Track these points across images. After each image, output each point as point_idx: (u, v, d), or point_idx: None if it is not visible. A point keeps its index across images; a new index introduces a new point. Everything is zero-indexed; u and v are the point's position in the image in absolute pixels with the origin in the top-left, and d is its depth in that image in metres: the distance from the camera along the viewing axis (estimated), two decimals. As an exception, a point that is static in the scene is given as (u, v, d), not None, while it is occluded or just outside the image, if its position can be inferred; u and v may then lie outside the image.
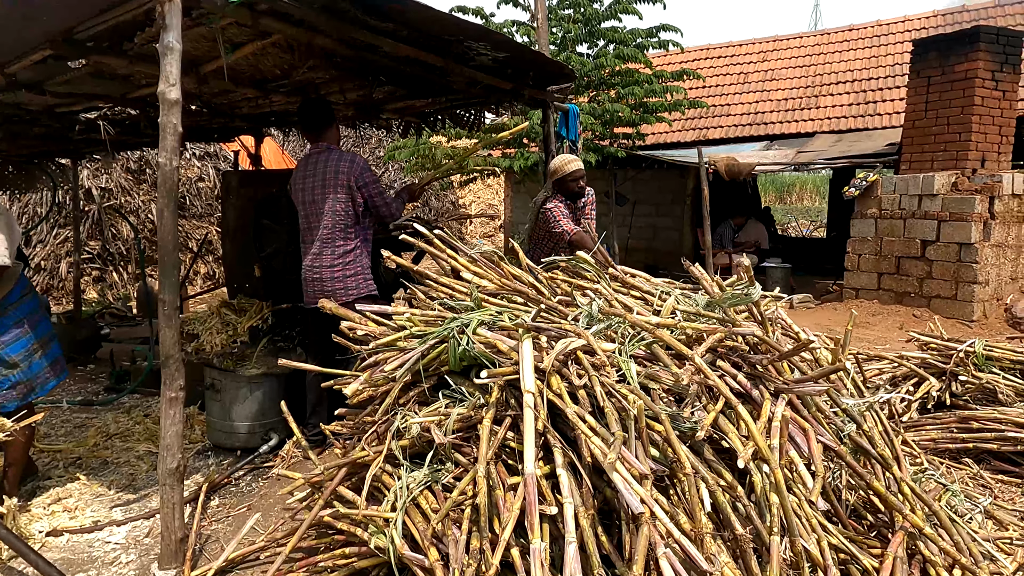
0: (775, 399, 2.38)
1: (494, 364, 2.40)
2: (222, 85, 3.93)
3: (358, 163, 3.49)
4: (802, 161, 9.01)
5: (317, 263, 3.52)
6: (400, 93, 4.53)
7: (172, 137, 2.47)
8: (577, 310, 2.75)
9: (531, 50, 3.63)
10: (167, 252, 2.48)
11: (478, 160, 8.80)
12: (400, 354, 2.58)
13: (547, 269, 3.26)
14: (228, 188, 4.90)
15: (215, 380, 3.61)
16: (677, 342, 2.34)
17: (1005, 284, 7.23)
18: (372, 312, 2.81)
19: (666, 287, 3.12)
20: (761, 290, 2.70)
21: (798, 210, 29.39)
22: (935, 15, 11.39)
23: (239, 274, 4.81)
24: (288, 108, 4.85)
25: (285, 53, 3.51)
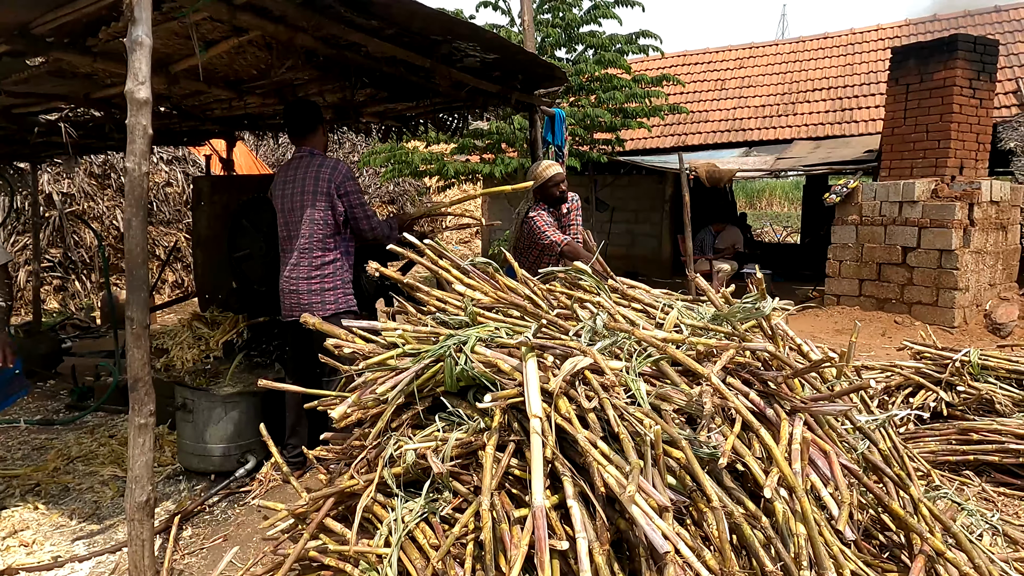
0: (791, 418, 2.26)
1: (495, 385, 2.23)
2: (194, 85, 3.71)
3: (341, 170, 3.30)
4: (782, 167, 9.02)
5: (295, 274, 3.31)
6: (382, 96, 4.35)
7: (141, 140, 2.26)
8: (578, 325, 2.60)
9: (522, 50, 3.48)
10: (136, 265, 2.27)
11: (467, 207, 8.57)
12: (391, 374, 2.40)
13: (543, 280, 3.10)
14: (199, 194, 4.66)
15: (187, 400, 3.38)
16: (691, 361, 2.20)
17: (984, 290, 7.28)
18: (359, 328, 2.62)
19: (668, 299, 3.00)
20: (773, 303, 2.57)
21: (768, 216, 29.76)
22: (907, 24, 11.55)
23: (212, 285, 4.57)
24: (264, 110, 4.63)
25: (262, 52, 3.31)
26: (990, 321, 7.04)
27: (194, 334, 4.03)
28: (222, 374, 3.64)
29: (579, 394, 2.11)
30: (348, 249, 3.39)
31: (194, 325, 4.06)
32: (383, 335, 2.61)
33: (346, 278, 3.36)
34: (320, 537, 2.32)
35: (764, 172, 9.02)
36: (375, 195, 15.78)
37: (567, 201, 4.38)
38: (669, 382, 2.35)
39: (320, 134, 3.44)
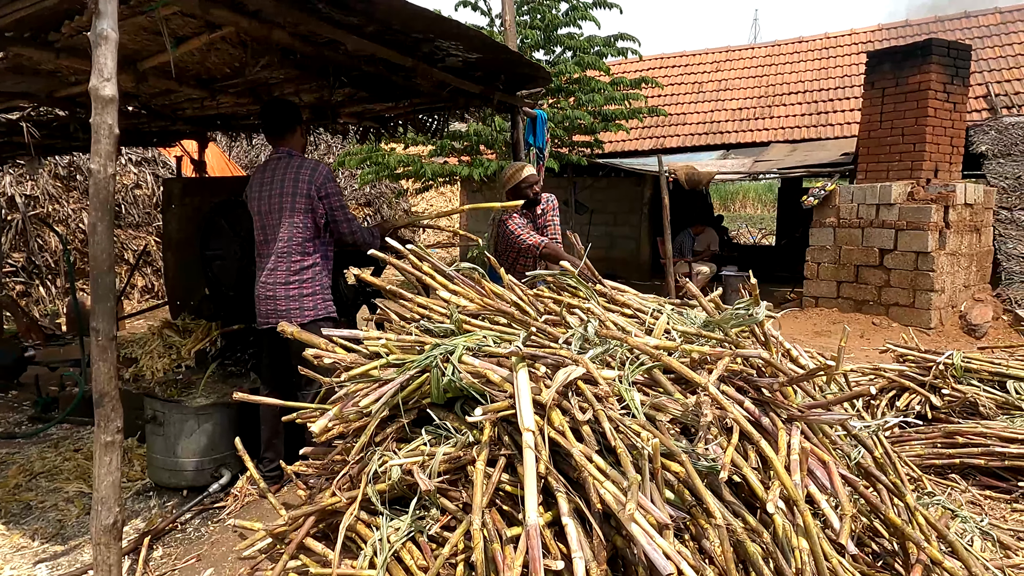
0: (788, 427, 2.20)
1: (484, 396, 2.14)
2: (164, 84, 3.57)
3: (322, 171, 3.17)
4: (760, 170, 9.06)
5: (272, 279, 3.18)
6: (360, 96, 4.23)
7: (107, 140, 2.13)
8: (567, 332, 2.53)
9: (506, 49, 3.40)
10: (101, 272, 2.13)
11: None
12: (374, 385, 2.30)
13: (529, 285, 3.02)
14: (170, 197, 4.50)
15: (158, 412, 3.23)
16: (687, 369, 2.13)
17: (959, 292, 7.37)
18: (340, 337, 2.51)
19: (658, 304, 2.93)
20: (767, 309, 2.52)
21: (743, 217, 30.08)
22: (880, 28, 11.71)
23: (183, 290, 4.41)
24: (237, 110, 4.48)
25: (236, 49, 3.18)
26: (965, 322, 7.12)
27: (165, 342, 3.87)
28: (195, 384, 3.50)
29: (573, 406, 2.03)
30: (327, 253, 3.27)
31: (165, 333, 3.90)
32: (365, 344, 2.50)
33: (325, 283, 3.24)
34: (300, 558, 2.20)
35: (742, 175, 9.05)
36: (351, 197, 15.58)
37: (540, 203, 4.29)
38: (662, 391, 2.28)
39: (298, 135, 3.31)
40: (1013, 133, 8.51)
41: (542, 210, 4.32)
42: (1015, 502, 3.33)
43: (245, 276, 3.63)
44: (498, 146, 9.36)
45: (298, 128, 3.29)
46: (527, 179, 4.13)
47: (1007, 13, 10.82)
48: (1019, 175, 8.19)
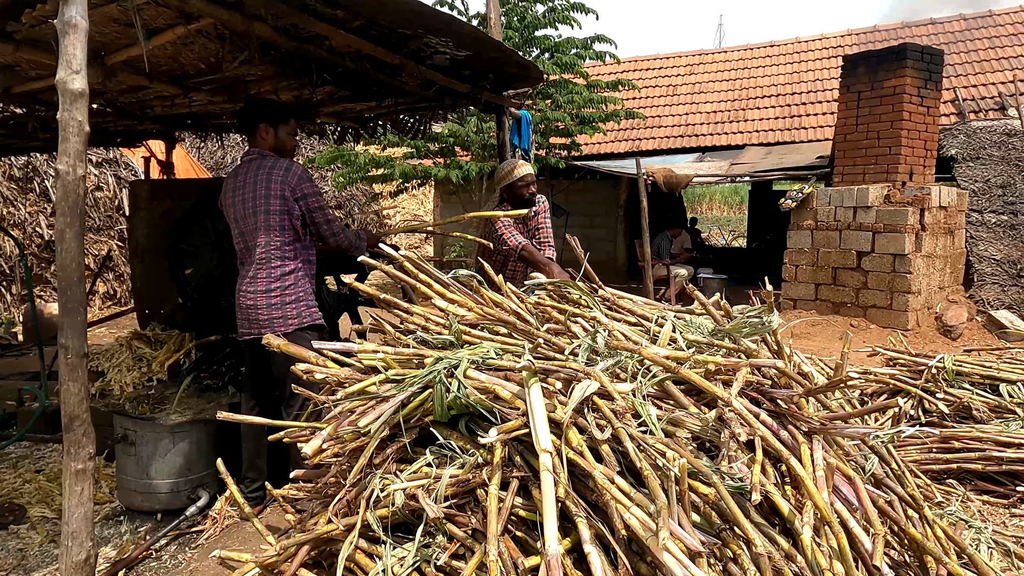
0: (809, 441, 2.11)
1: (492, 413, 2.01)
2: (133, 79, 3.35)
3: (295, 171, 2.98)
4: (737, 173, 9.08)
5: (252, 287, 2.99)
6: (341, 94, 4.06)
7: (76, 138, 1.94)
8: (573, 342, 2.40)
9: (499, 46, 3.25)
10: (70, 284, 1.94)
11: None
12: (372, 403, 2.14)
13: (526, 291, 2.89)
14: (137, 200, 4.25)
15: (129, 431, 3.01)
16: (706, 383, 2.03)
17: (934, 293, 7.46)
18: (331, 351, 2.35)
19: (660, 311, 2.83)
20: (778, 317, 2.43)
21: (709, 220, 30.44)
22: (849, 34, 11.88)
23: (152, 299, 4.17)
24: (210, 108, 4.27)
25: (213, 43, 2.99)
26: (941, 323, 7.21)
27: (134, 354, 3.64)
28: (168, 400, 3.28)
29: (590, 423, 1.90)
30: (309, 258, 3.09)
31: (134, 345, 3.67)
32: (359, 357, 2.34)
33: (308, 289, 3.05)
34: (293, 591, 2.04)
35: (720, 177, 9.06)
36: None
37: (536, 203, 4.14)
38: (674, 404, 2.17)
39: (275, 134, 3.06)
40: (981, 137, 8.68)
41: (534, 211, 4.18)
42: (1013, 507, 3.31)
43: (221, 284, 3.43)
44: (475, 148, 9.23)
45: (274, 127, 3.05)
46: (525, 178, 3.94)
47: (971, 20, 11.07)
48: (988, 178, 8.35)
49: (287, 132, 3.08)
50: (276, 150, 3.08)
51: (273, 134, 3.06)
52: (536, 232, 4.17)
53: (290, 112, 3.14)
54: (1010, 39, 10.36)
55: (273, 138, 3.07)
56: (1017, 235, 7.90)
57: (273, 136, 3.06)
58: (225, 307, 3.38)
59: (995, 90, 9.66)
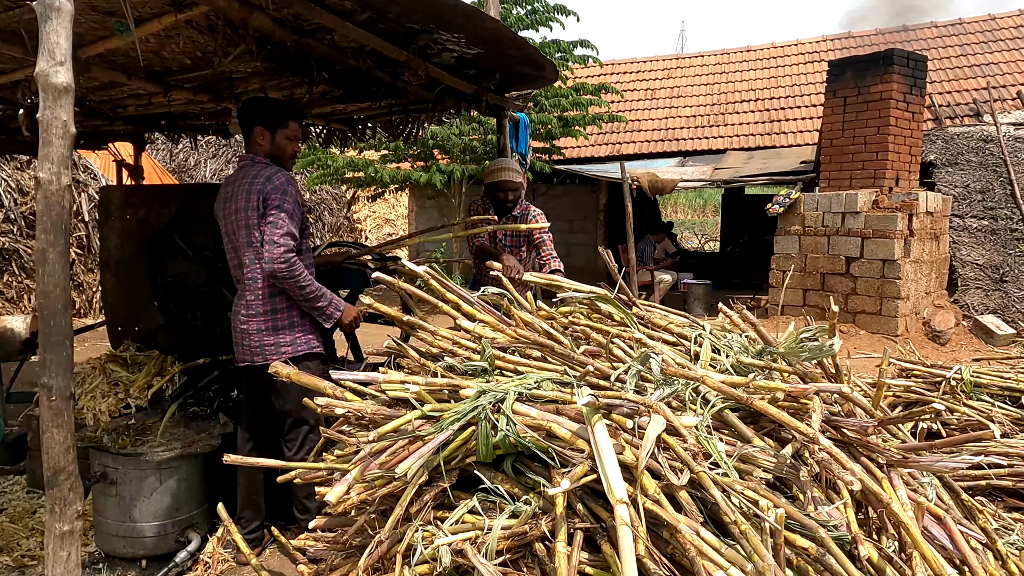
0: (889, 476, 1.93)
1: (547, 454, 1.77)
2: (109, 75, 3.03)
3: (274, 179, 2.62)
4: (722, 178, 9.01)
5: (244, 310, 2.67)
6: (334, 95, 3.77)
7: (61, 142, 1.65)
8: (618, 366, 2.19)
9: (520, 42, 3.01)
10: (54, 313, 1.64)
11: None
12: (405, 443, 1.88)
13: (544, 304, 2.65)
14: (108, 207, 3.89)
15: (109, 468, 2.69)
16: (787, 417, 1.82)
17: (921, 299, 7.47)
18: (352, 381, 2.08)
19: (698, 328, 2.64)
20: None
21: (676, 223, 30.58)
22: (824, 40, 11.97)
23: (126, 316, 3.82)
24: (189, 109, 3.94)
25: (203, 35, 2.70)
26: (929, 329, 7.21)
27: (109, 379, 3.30)
28: (151, 430, 2.96)
29: (663, 466, 1.68)
30: None
31: (109, 368, 3.33)
32: (384, 388, 2.08)
33: (304, 313, 2.72)
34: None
35: (705, 182, 8.98)
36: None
37: (514, 211, 3.93)
38: (734, 434, 1.97)
39: (271, 138, 2.73)
40: (959, 143, 8.76)
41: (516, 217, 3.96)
42: (1048, 525, 3.21)
43: (210, 302, 3.13)
44: (455, 151, 8.97)
45: (271, 131, 2.72)
46: (501, 183, 3.80)
47: (942, 27, 11.24)
48: (967, 183, 8.42)
49: (286, 137, 2.75)
50: (273, 157, 2.74)
51: (270, 138, 2.73)
52: (540, 247, 3.98)
53: (291, 114, 2.80)
54: (980, 47, 10.54)
55: (270, 143, 2.73)
56: (998, 240, 7.97)
57: (270, 141, 2.73)
58: (213, 328, 3.08)
59: (969, 96, 9.80)
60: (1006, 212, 8.09)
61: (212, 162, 14.85)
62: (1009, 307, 7.52)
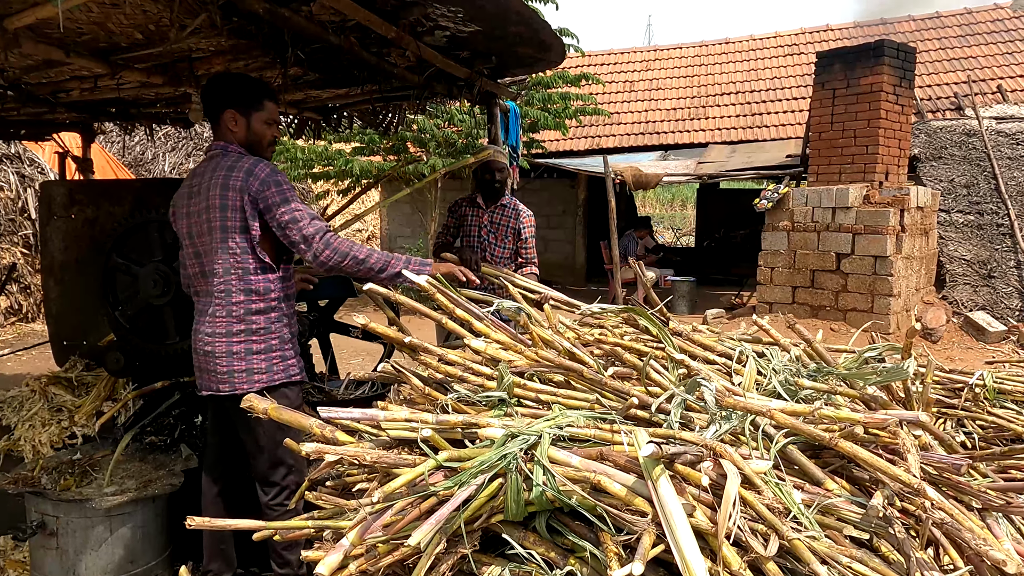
0: (984, 520, 1.65)
1: (594, 512, 1.44)
2: (44, 52, 2.58)
3: (258, 172, 2.20)
4: (706, 172, 8.78)
5: (209, 328, 2.23)
6: (308, 78, 3.37)
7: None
8: (653, 391, 1.87)
9: (529, 16, 2.63)
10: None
11: None
12: (414, 499, 1.53)
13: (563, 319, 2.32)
14: (51, 205, 3.44)
15: (48, 517, 2.27)
16: (884, 463, 1.52)
17: (912, 295, 7.34)
18: (347, 419, 1.71)
19: (735, 343, 2.33)
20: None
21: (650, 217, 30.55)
22: (803, 32, 11.85)
23: (72, 328, 3.38)
24: (142, 94, 3.49)
25: (156, 4, 2.28)
26: (921, 326, 7.08)
27: (51, 404, 2.86)
28: (100, 466, 2.54)
29: (744, 531, 1.36)
30: (288, 292, 2.34)
31: (51, 392, 2.89)
32: (383, 426, 1.72)
33: (286, 335, 2.29)
34: None
35: (690, 176, 8.75)
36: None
37: (501, 199, 3.82)
38: (796, 471, 1.67)
39: (245, 126, 2.30)
40: (942, 136, 8.67)
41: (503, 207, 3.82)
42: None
43: (171, 318, 2.71)
44: (431, 143, 8.57)
45: (245, 115, 2.29)
46: (488, 164, 3.75)
47: (919, 21, 11.20)
48: (952, 178, 8.34)
49: (263, 121, 2.32)
50: (249, 145, 2.31)
51: (244, 124, 2.29)
52: (523, 246, 3.85)
53: (266, 93, 2.37)
54: (959, 40, 10.50)
55: (244, 129, 2.30)
56: (984, 235, 7.90)
57: (244, 127, 2.30)
58: (171, 347, 2.67)
59: (949, 90, 9.74)
60: (991, 207, 8.01)
61: (171, 155, 14.13)
62: (998, 303, 7.44)
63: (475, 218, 3.77)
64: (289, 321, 2.31)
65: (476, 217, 3.76)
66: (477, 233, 3.73)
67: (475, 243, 3.71)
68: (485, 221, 3.75)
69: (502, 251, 3.74)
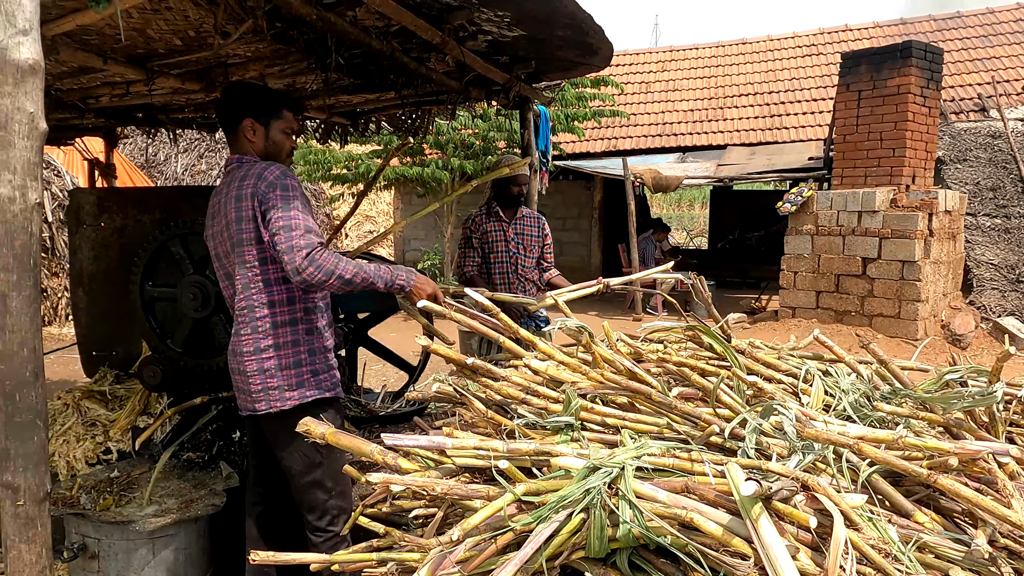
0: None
1: (685, 551, 1.36)
2: (80, 59, 2.51)
3: (266, 176, 2.05)
4: (727, 175, 8.68)
5: (237, 347, 2.13)
6: (342, 83, 3.29)
7: (26, 143, 1.18)
8: (720, 412, 1.78)
9: (584, 19, 2.54)
10: (20, 384, 1.18)
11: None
12: (479, 538, 1.45)
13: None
14: (79, 213, 3.38)
15: (89, 539, 2.20)
16: (989, 502, 1.43)
17: (939, 300, 7.22)
18: (415, 446, 1.63)
19: (798, 360, 2.24)
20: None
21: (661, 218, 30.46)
22: (821, 32, 11.73)
23: (101, 338, 3.32)
24: (173, 99, 3.43)
25: (200, 8, 2.21)
26: (949, 332, 6.96)
27: (85, 418, 2.80)
28: (137, 483, 2.47)
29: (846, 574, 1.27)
30: (314, 303, 2.20)
31: (84, 406, 2.82)
32: (450, 453, 1.64)
33: (315, 347, 2.17)
34: None
35: (711, 179, 8.65)
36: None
37: (523, 205, 3.81)
38: (880, 501, 1.58)
39: (264, 135, 2.18)
40: (967, 139, 8.55)
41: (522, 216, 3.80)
42: None
43: (205, 332, 2.64)
44: (449, 146, 8.49)
45: (264, 125, 2.17)
46: (518, 177, 3.72)
47: (940, 21, 11.06)
48: (978, 180, 8.21)
49: (282, 130, 2.20)
50: (267, 156, 2.19)
51: (263, 134, 2.17)
52: (543, 253, 3.89)
53: (285, 102, 2.27)
54: (982, 40, 10.36)
55: (263, 139, 2.18)
56: (1012, 239, 7.77)
57: (263, 137, 2.18)
58: (210, 361, 2.60)
59: (973, 91, 9.61)
60: (1019, 210, 7.89)
61: (183, 157, 14.12)
62: (1027, 308, 7.31)
63: (499, 232, 3.73)
64: (318, 333, 2.19)
65: (500, 231, 3.72)
66: (504, 248, 3.69)
67: (503, 258, 3.67)
68: (511, 234, 3.71)
69: (531, 262, 3.74)
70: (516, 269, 3.70)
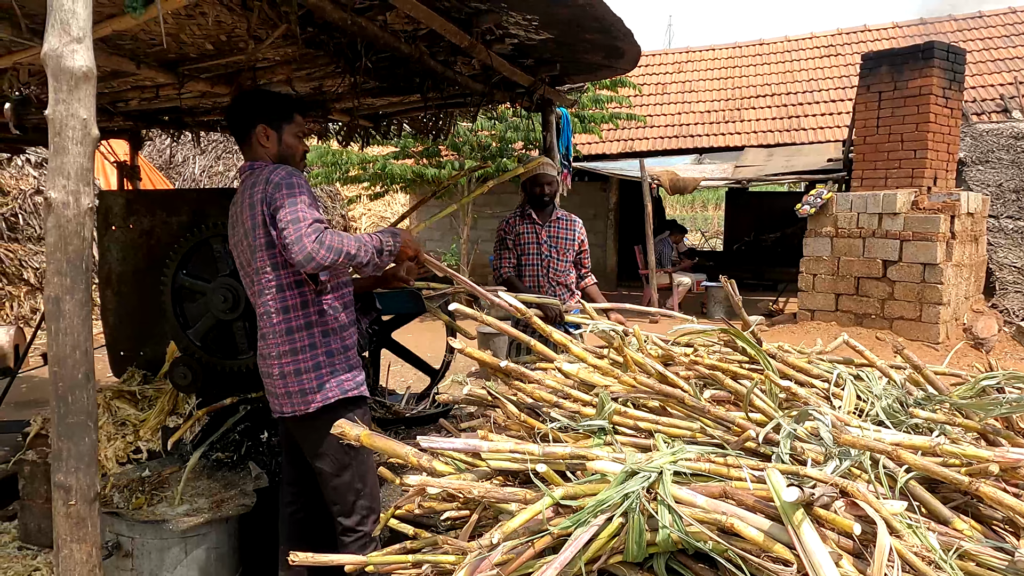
0: None
1: (725, 556, 1.35)
2: (114, 63, 2.55)
3: (274, 177, 2.03)
4: (745, 176, 8.63)
5: (263, 350, 2.16)
6: (368, 86, 3.31)
7: (80, 148, 1.20)
8: (753, 417, 1.78)
9: (614, 22, 2.54)
10: (72, 387, 1.20)
11: None
12: (517, 542, 1.45)
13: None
14: (108, 215, 3.41)
15: (123, 538, 2.23)
16: (1036, 506, 1.42)
17: (961, 304, 7.14)
18: (451, 449, 1.64)
19: (829, 364, 2.23)
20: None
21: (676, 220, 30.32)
22: (840, 33, 11.64)
23: (129, 338, 3.36)
24: (201, 103, 3.47)
25: (234, 13, 2.23)
26: (971, 336, 6.89)
27: (116, 418, 2.83)
28: (168, 482, 2.50)
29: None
30: (330, 304, 2.18)
31: (115, 406, 2.86)
32: (485, 457, 1.64)
33: (337, 347, 2.17)
34: None
35: (729, 180, 8.61)
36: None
37: (555, 212, 3.78)
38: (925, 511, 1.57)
39: (277, 140, 2.18)
40: (989, 140, 8.45)
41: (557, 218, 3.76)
42: None
43: (235, 333, 2.67)
44: (465, 147, 8.51)
45: (277, 130, 2.16)
46: (537, 177, 3.66)
47: (961, 21, 10.94)
48: (1000, 182, 8.11)
49: (294, 134, 2.21)
50: (281, 160, 2.18)
51: (276, 139, 2.17)
52: (581, 259, 3.86)
53: (297, 106, 2.27)
54: (1003, 40, 10.24)
55: (276, 144, 2.18)
56: (1035, 242, 7.67)
57: (276, 141, 2.17)
58: (240, 362, 2.63)
59: (995, 92, 9.50)
60: (1042, 213, 7.79)
61: (201, 158, 14.23)
62: (1051, 312, 7.22)
63: (531, 235, 3.68)
64: (335, 334, 2.18)
65: (533, 234, 3.67)
66: (536, 251, 3.64)
67: (535, 260, 3.63)
68: (544, 237, 3.66)
69: (565, 265, 3.68)
70: (548, 272, 3.64)
